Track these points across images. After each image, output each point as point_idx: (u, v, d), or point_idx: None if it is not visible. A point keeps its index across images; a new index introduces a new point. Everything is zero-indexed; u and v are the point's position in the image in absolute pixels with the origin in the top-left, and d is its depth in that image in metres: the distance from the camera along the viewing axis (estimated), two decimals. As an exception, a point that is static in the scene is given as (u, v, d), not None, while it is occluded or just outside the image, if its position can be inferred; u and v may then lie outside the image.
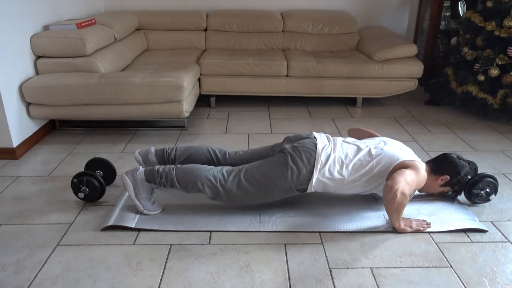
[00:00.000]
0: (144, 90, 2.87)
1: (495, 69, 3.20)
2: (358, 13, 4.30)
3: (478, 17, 3.31)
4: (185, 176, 2.02)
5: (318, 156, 1.99)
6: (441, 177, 2.10)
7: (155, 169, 2.05)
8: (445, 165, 2.13)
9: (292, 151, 2.01)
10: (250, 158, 2.20)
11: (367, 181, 2.01)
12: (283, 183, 1.98)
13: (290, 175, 1.97)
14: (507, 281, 1.69)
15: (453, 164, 2.12)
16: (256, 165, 2.04)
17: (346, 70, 3.55)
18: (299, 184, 1.99)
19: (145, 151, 2.29)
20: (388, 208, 1.91)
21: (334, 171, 1.99)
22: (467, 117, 3.51)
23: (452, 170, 2.11)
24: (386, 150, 2.04)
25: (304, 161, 1.98)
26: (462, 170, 2.11)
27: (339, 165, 2.00)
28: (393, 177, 1.89)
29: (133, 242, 1.90)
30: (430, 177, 2.11)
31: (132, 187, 2.03)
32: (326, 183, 2.01)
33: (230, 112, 3.64)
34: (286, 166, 1.98)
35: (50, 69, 2.99)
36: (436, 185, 2.14)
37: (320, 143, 2.05)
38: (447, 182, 2.11)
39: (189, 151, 2.26)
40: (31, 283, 1.66)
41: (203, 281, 1.67)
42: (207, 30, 4.15)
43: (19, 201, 2.24)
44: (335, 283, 1.66)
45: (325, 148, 2.03)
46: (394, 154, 2.03)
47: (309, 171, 1.98)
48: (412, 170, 1.95)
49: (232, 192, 1.99)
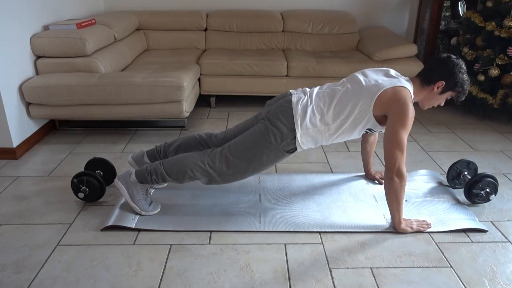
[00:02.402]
0: (144, 90, 2.87)
1: (495, 69, 3.21)
2: (358, 13, 4.30)
3: (478, 17, 3.31)
4: (173, 166, 2.00)
5: (295, 111, 1.92)
6: (436, 84, 1.92)
7: (144, 168, 2.04)
8: (436, 70, 1.93)
9: (268, 115, 1.96)
10: (237, 133, 2.14)
11: (353, 122, 1.92)
12: (269, 148, 1.93)
13: (274, 138, 1.92)
14: (507, 281, 1.69)
15: (444, 65, 1.91)
16: (239, 139, 2.00)
17: (346, 70, 3.55)
18: (286, 145, 1.94)
19: (137, 154, 2.29)
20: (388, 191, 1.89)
21: (316, 121, 1.92)
22: (467, 117, 3.51)
23: (445, 72, 1.90)
24: (365, 83, 1.92)
25: (283, 120, 1.92)
26: (456, 68, 1.89)
27: (319, 113, 1.92)
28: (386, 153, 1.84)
29: (133, 242, 1.90)
30: (424, 90, 1.96)
31: (126, 190, 2.03)
32: (312, 136, 1.94)
33: (230, 112, 3.64)
34: (267, 131, 1.93)
35: (50, 69, 2.99)
36: (435, 96, 1.96)
37: (295, 97, 1.97)
38: (444, 87, 1.92)
39: (177, 142, 2.23)
40: (31, 283, 1.66)
41: (203, 281, 1.67)
42: (207, 30, 4.15)
43: (19, 201, 2.24)
44: (335, 283, 1.66)
45: (301, 101, 1.94)
46: (373, 84, 1.90)
47: (290, 129, 1.91)
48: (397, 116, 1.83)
49: (223, 171, 1.96)
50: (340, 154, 2.82)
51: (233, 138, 2.12)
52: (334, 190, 2.32)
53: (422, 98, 2.00)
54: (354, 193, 2.29)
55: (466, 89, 1.94)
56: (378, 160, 2.71)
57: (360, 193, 2.29)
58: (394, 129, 1.84)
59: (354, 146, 2.93)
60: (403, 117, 1.84)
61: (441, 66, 1.92)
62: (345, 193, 2.29)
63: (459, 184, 2.35)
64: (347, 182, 2.41)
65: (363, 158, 2.43)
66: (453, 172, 2.35)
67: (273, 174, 2.51)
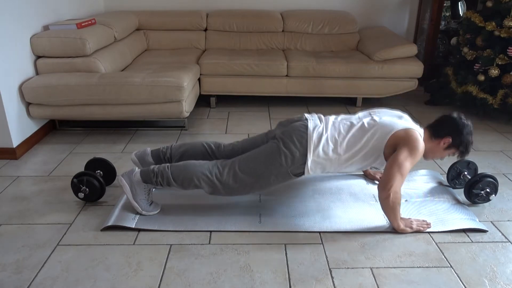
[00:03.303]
0: (144, 90, 2.87)
1: (495, 69, 3.20)
2: (358, 13, 4.30)
3: (478, 17, 3.31)
4: (180, 173, 2.01)
5: (310, 137, 1.95)
6: (443, 140, 2.01)
7: (150, 169, 2.04)
8: (446, 127, 2.02)
9: (283, 136, 1.98)
10: (245, 148, 2.17)
11: (364, 156, 1.97)
12: (279, 170, 1.95)
13: (285, 160, 1.94)
14: (507, 281, 1.69)
15: (454, 124, 2.01)
16: (249, 155, 2.01)
17: (346, 70, 3.55)
18: (295, 168, 1.96)
19: (141, 152, 2.28)
20: (384, 208, 1.91)
21: (328, 150, 1.95)
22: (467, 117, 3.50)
23: (454, 130, 2.00)
24: (380, 121, 1.98)
25: (297, 144, 1.94)
26: (464, 129, 2.00)
27: (332, 143, 1.96)
28: (386, 171, 1.86)
29: (133, 242, 1.90)
30: (431, 142, 2.03)
31: (129, 188, 2.03)
32: (322, 163, 1.97)
33: (230, 112, 3.64)
34: (279, 152, 1.94)
35: (50, 69, 2.99)
36: (439, 149, 2.04)
37: (311, 123, 2.00)
38: (450, 144, 2.01)
39: (184, 147, 2.24)
40: (31, 283, 1.66)
41: (203, 281, 1.67)
42: (207, 30, 4.15)
43: (19, 201, 2.24)
44: (335, 283, 1.66)
45: (317, 128, 1.98)
46: (388, 124, 1.96)
47: (303, 154, 1.94)
48: (408, 147, 1.87)
49: (229, 184, 1.98)
50: (340, 154, 2.81)
51: (240, 152, 2.15)
52: (334, 190, 2.32)
53: (427, 149, 2.03)
54: (354, 193, 2.30)
55: (469, 150, 2.05)
56: (378, 160, 2.71)
57: (360, 193, 2.29)
58: (400, 154, 1.87)
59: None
60: (413, 148, 1.88)
61: (451, 124, 2.02)
62: (345, 193, 2.29)
63: (459, 184, 2.35)
64: (347, 182, 2.41)
65: None
66: (453, 172, 2.35)
67: (273, 174, 2.51)
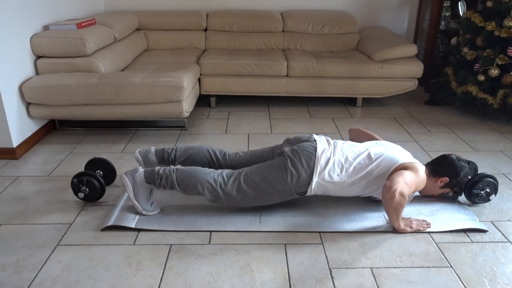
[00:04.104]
0: (144, 90, 2.87)
1: (495, 69, 3.20)
2: (358, 13, 4.30)
3: (478, 17, 3.31)
4: (185, 178, 2.02)
5: (318, 160, 1.98)
6: (441, 179, 2.12)
7: (155, 171, 2.04)
8: (444, 167, 2.13)
9: (291, 155, 2.01)
10: (250, 160, 2.21)
11: (366, 183, 2.01)
12: (283, 187, 1.98)
13: (290, 179, 1.96)
14: (507, 281, 1.69)
15: (452, 166, 2.13)
16: (255, 168, 2.03)
17: (346, 70, 3.55)
18: (299, 187, 1.99)
19: (145, 150, 2.28)
20: (387, 208, 1.91)
21: (334, 174, 1.99)
22: (467, 117, 3.51)
23: (451, 172, 2.11)
24: (386, 153, 2.04)
25: (304, 165, 1.98)
26: (462, 172, 2.12)
27: (339, 168, 2.00)
28: (391, 177, 1.89)
29: (133, 242, 1.90)
30: (429, 179, 2.11)
31: (132, 187, 2.03)
32: (326, 186, 2.01)
33: (230, 112, 3.64)
34: (285, 169, 1.97)
35: (50, 69, 2.99)
36: (436, 187, 2.14)
37: (320, 146, 2.04)
38: (446, 183, 2.12)
39: (189, 151, 2.26)
40: (31, 283, 1.66)
41: (203, 281, 1.67)
42: (207, 30, 4.15)
43: (19, 201, 2.24)
44: (335, 283, 1.66)
45: (325, 152, 2.02)
46: (394, 156, 2.03)
47: (309, 175, 1.97)
48: (412, 171, 1.95)
49: (231, 195, 1.99)
50: (340, 154, 2.81)
51: (245, 163, 2.19)
52: (334, 190, 2.33)
53: (425, 185, 2.09)
54: (354, 193, 2.30)
55: (462, 191, 2.17)
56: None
57: (360, 193, 2.29)
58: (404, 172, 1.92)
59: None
60: (417, 172, 1.98)
61: (450, 165, 2.13)
62: (345, 193, 2.30)
63: (459, 184, 2.35)
64: (347, 182, 2.41)
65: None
66: (453, 172, 2.35)
67: (273, 174, 2.50)
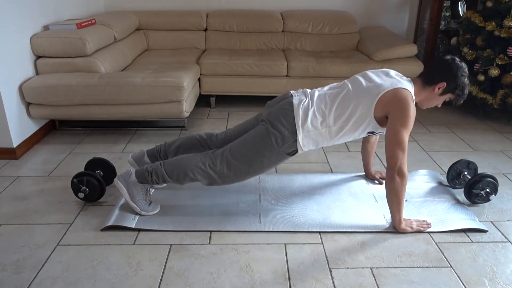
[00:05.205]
0: (144, 90, 2.87)
1: (495, 69, 3.20)
2: (358, 13, 4.30)
3: (478, 17, 3.31)
4: (174, 168, 2.00)
5: (296, 114, 1.91)
6: (437, 85, 1.93)
7: (144, 169, 2.04)
8: (438, 71, 1.94)
9: (270, 117, 1.96)
10: (237, 134, 2.13)
11: (354, 124, 1.93)
12: (271, 151, 1.93)
13: (275, 141, 1.91)
14: (507, 281, 1.69)
15: (447, 67, 1.92)
16: (240, 141, 1.99)
17: (346, 70, 3.55)
18: (287, 147, 1.94)
19: (137, 153, 2.28)
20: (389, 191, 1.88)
21: (317, 123, 1.91)
22: (467, 117, 3.51)
23: (447, 74, 1.91)
24: (366, 85, 1.92)
25: (284, 123, 1.91)
26: (459, 71, 1.90)
27: (320, 116, 1.92)
28: (388, 151, 1.85)
29: (133, 242, 1.90)
30: (425, 91, 1.96)
31: (126, 190, 2.03)
32: (314, 138, 1.94)
33: (230, 112, 3.64)
34: (268, 134, 1.92)
35: (50, 69, 2.99)
36: (435, 97, 1.98)
37: (296, 99, 1.96)
38: (445, 88, 1.93)
39: (177, 142, 2.23)
40: (31, 283, 1.66)
41: (203, 281, 1.67)
42: (207, 30, 4.15)
43: (19, 201, 2.24)
44: (335, 283, 1.66)
45: (302, 103, 1.93)
46: (374, 86, 1.90)
47: (292, 132, 1.91)
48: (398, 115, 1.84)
49: (224, 173, 1.97)
50: (340, 154, 2.82)
51: (233, 138, 2.12)
52: (334, 190, 2.32)
53: (422, 98, 2.00)
54: (354, 193, 2.29)
55: (466, 93, 1.96)
56: (378, 160, 2.71)
57: (360, 193, 2.29)
58: (395, 129, 1.84)
59: (354, 146, 2.93)
60: (404, 116, 1.84)
61: (444, 67, 1.93)
62: (345, 193, 2.29)
63: (459, 184, 2.35)
64: (347, 182, 2.41)
65: (363, 158, 2.43)
66: (453, 172, 2.35)
67: (273, 174, 2.51)
